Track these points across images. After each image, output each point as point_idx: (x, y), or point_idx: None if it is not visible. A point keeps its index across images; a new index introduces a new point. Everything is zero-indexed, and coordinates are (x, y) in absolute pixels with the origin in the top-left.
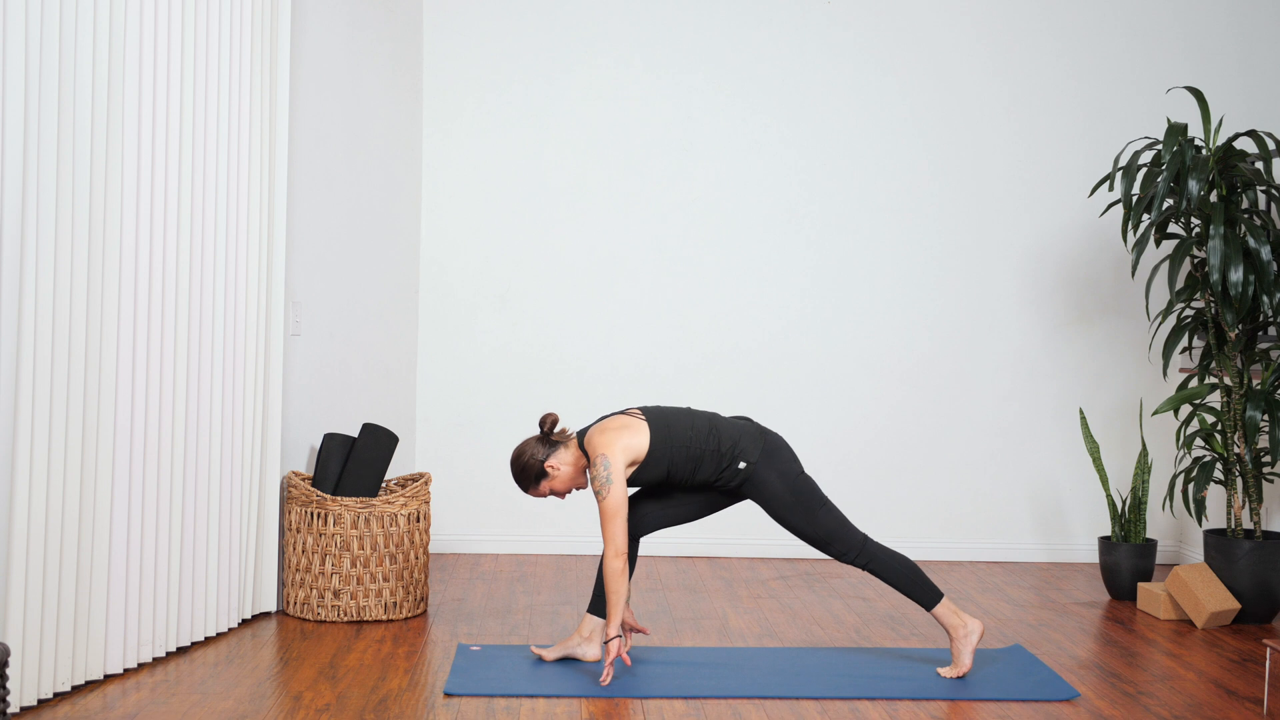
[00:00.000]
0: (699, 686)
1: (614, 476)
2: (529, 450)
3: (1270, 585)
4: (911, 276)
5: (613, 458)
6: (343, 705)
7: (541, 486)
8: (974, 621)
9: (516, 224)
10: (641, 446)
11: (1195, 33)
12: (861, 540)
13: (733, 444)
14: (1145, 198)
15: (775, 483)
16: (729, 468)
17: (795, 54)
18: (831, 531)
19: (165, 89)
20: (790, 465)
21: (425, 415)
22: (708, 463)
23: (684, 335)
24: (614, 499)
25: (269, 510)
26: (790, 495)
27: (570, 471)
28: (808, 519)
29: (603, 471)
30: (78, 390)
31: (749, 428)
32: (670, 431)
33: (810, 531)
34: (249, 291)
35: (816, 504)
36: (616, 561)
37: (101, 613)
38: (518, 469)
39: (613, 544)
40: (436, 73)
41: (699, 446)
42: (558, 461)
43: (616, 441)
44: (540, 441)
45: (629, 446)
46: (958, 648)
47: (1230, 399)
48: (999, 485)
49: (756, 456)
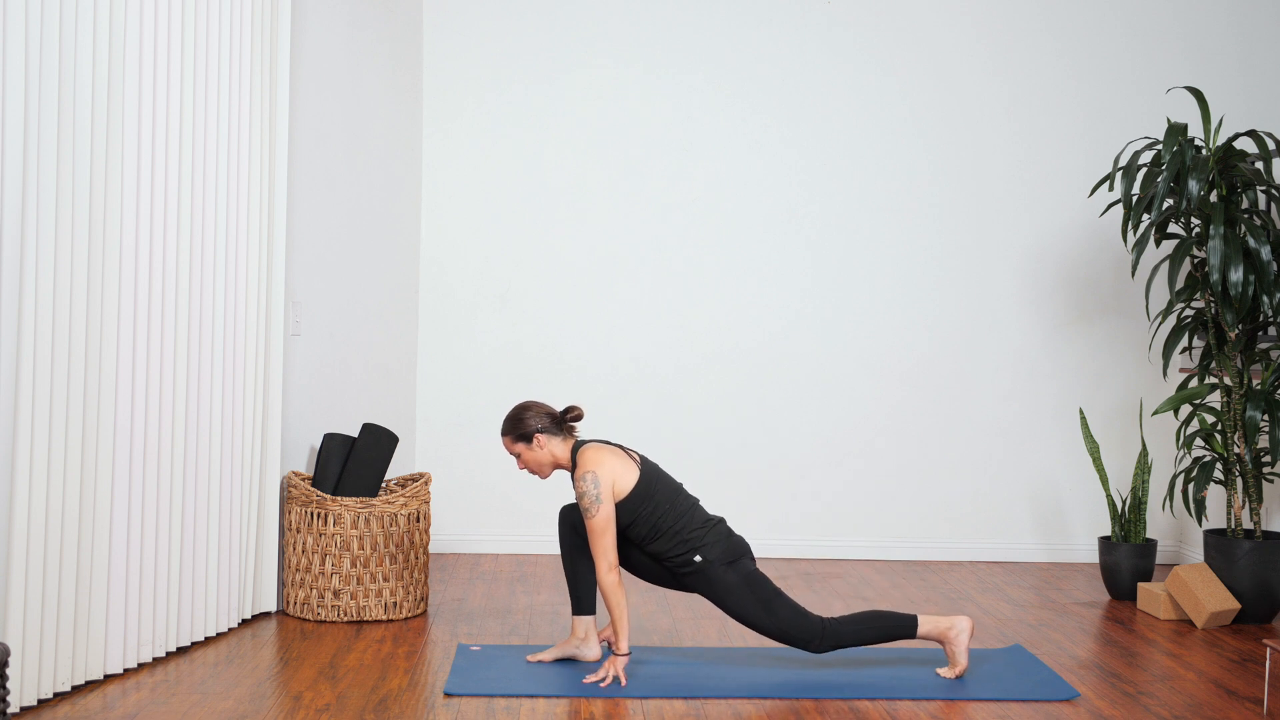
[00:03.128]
0: (699, 686)
1: (603, 496)
2: (535, 413)
3: (1270, 585)
4: (911, 276)
5: (602, 477)
6: (343, 705)
7: (517, 446)
8: (960, 619)
9: (516, 224)
10: (627, 484)
11: (1195, 33)
12: (820, 624)
13: (699, 535)
14: (1145, 198)
15: (729, 578)
16: (684, 555)
17: (795, 54)
18: (791, 620)
19: (165, 89)
20: (746, 563)
21: (425, 415)
22: (665, 539)
23: (684, 335)
24: (602, 516)
25: (269, 510)
26: (745, 588)
27: (548, 459)
28: (766, 612)
29: (591, 489)
30: (78, 390)
31: (720, 526)
32: (653, 490)
33: (770, 623)
34: (249, 291)
35: (772, 596)
36: (611, 575)
37: (101, 613)
38: (513, 417)
39: (604, 559)
40: (436, 73)
41: (667, 521)
42: (547, 442)
43: (607, 464)
44: (550, 416)
45: (617, 475)
46: (951, 649)
47: (1230, 399)
48: (999, 485)
49: (714, 555)
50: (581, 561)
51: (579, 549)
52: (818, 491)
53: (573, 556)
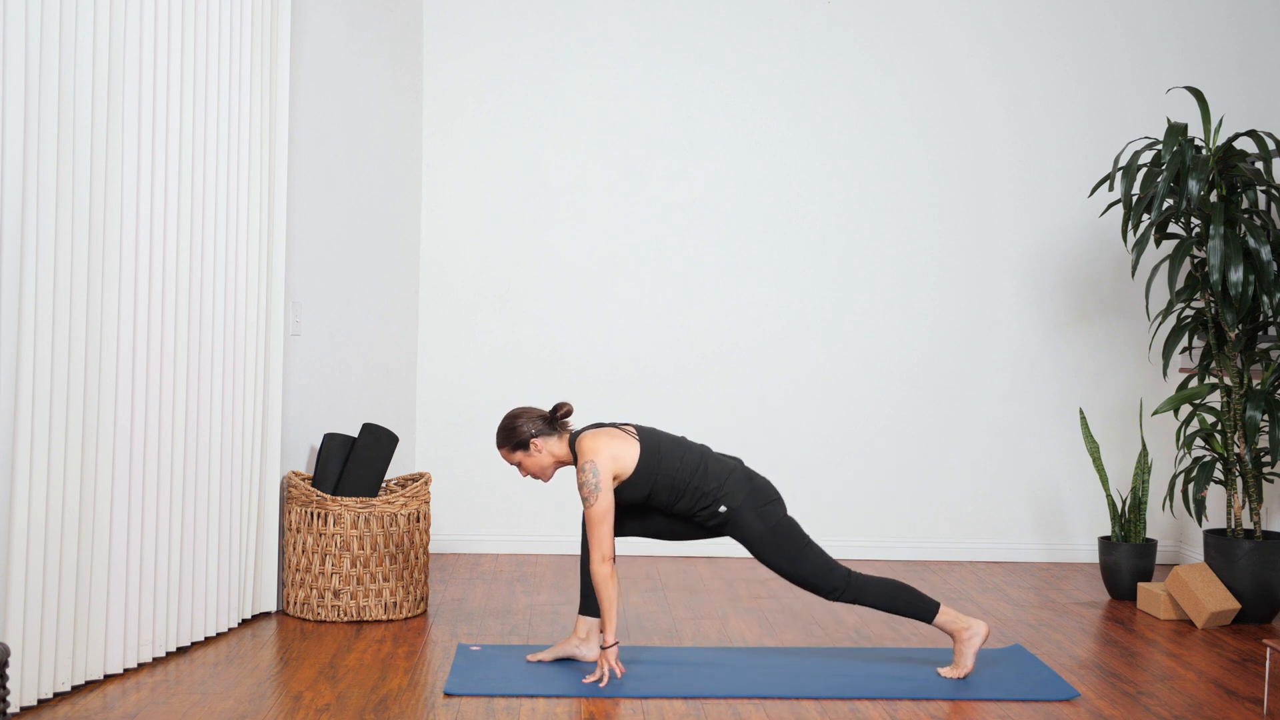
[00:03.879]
0: (699, 686)
1: (602, 485)
2: (525, 419)
3: (1270, 585)
4: (911, 276)
5: (600, 464)
6: (343, 705)
7: (515, 455)
8: (978, 623)
9: (516, 224)
10: (629, 462)
11: (1195, 33)
12: (845, 577)
13: (718, 485)
14: (1145, 198)
15: (757, 526)
16: (709, 508)
17: (795, 54)
18: (815, 572)
19: (165, 89)
20: (774, 509)
21: (425, 415)
22: (688, 497)
23: (684, 335)
24: (600, 506)
25: (269, 510)
26: (771, 537)
27: (548, 460)
28: (791, 561)
29: (590, 478)
30: (78, 390)
31: (737, 470)
32: (659, 456)
33: (793, 573)
34: (249, 291)
35: (799, 546)
36: (604, 567)
37: (101, 613)
38: (505, 428)
39: (599, 549)
40: (436, 73)
41: (684, 479)
42: (544, 444)
43: (605, 449)
44: (541, 418)
45: (617, 457)
46: (962, 649)
47: (1230, 399)
48: (999, 485)
49: (739, 502)
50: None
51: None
52: (818, 491)
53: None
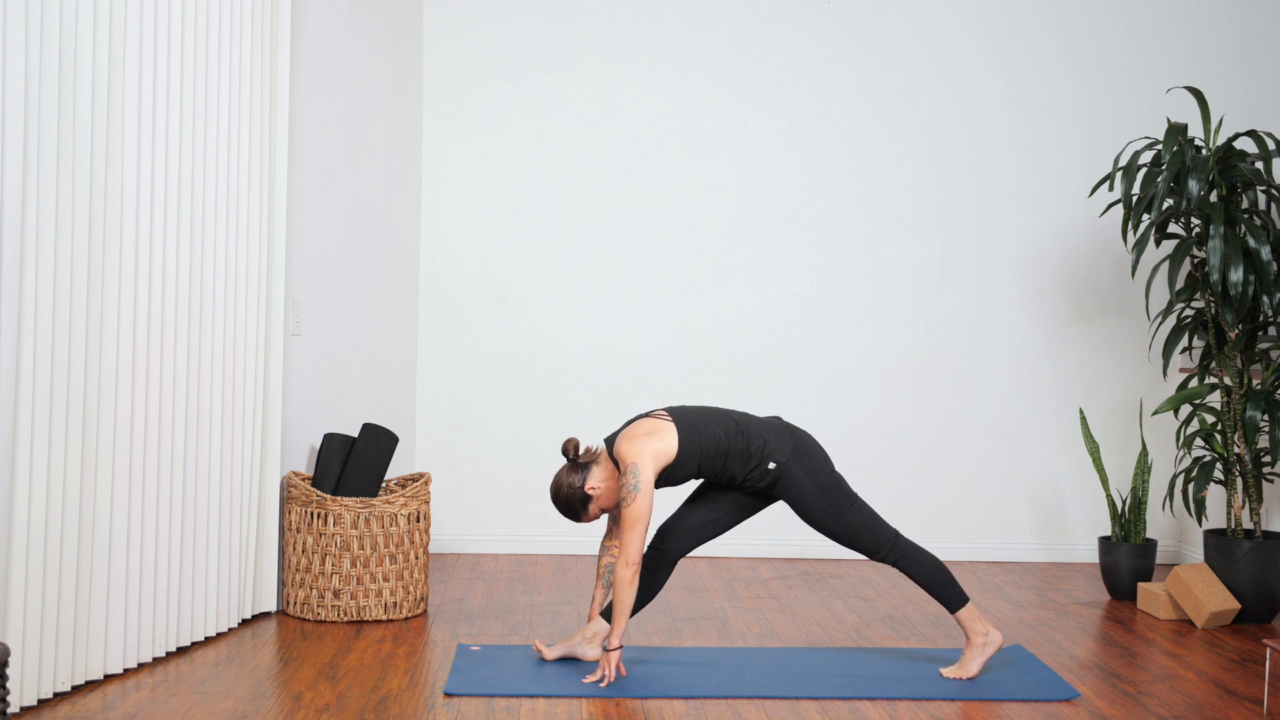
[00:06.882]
0: (699, 686)
1: (641, 485)
2: (565, 481)
3: (1270, 585)
4: (911, 276)
5: (643, 466)
6: (343, 705)
7: (591, 510)
8: (995, 632)
9: (516, 224)
10: (670, 450)
11: (1195, 33)
12: (893, 537)
13: (762, 443)
14: (1145, 198)
15: (804, 481)
16: (758, 467)
17: (796, 54)
18: (862, 529)
19: (165, 89)
20: (820, 464)
21: (425, 415)
22: (735, 460)
23: (684, 335)
24: (638, 507)
25: (269, 510)
26: (819, 495)
27: (611, 485)
28: (837, 518)
29: (631, 479)
30: (78, 390)
31: (778, 426)
32: (698, 432)
33: (839, 530)
34: (249, 291)
35: (846, 503)
36: (627, 571)
37: (101, 613)
38: (561, 503)
39: (626, 552)
40: (436, 72)
41: (727, 445)
42: (595, 482)
43: (645, 449)
44: (571, 469)
45: (658, 452)
46: (972, 653)
47: (1230, 399)
48: (999, 485)
49: (786, 456)
50: (646, 578)
51: (649, 568)
52: None
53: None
